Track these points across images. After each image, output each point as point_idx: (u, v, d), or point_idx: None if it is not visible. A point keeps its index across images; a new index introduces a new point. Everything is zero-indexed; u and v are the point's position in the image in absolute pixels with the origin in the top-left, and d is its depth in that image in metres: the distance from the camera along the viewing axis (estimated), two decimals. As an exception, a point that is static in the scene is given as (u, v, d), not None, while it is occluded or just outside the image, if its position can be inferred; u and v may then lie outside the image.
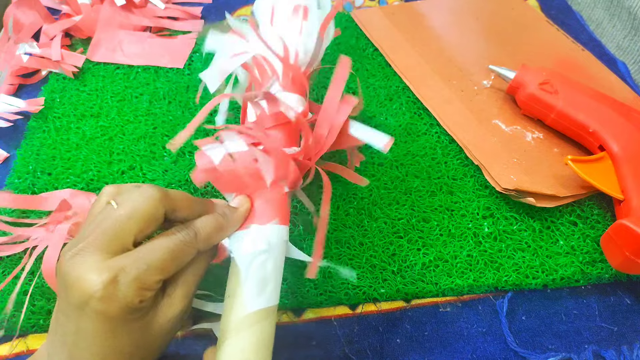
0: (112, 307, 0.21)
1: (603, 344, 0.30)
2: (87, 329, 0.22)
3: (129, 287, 0.22)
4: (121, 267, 0.22)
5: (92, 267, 0.21)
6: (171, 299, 0.25)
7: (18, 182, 0.38)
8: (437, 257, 0.33)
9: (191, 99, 0.44)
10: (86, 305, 0.21)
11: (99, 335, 0.22)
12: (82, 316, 0.22)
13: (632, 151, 0.33)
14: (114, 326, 0.22)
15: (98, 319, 0.22)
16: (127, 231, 0.23)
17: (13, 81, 0.47)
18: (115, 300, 0.21)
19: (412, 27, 0.49)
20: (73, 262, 0.22)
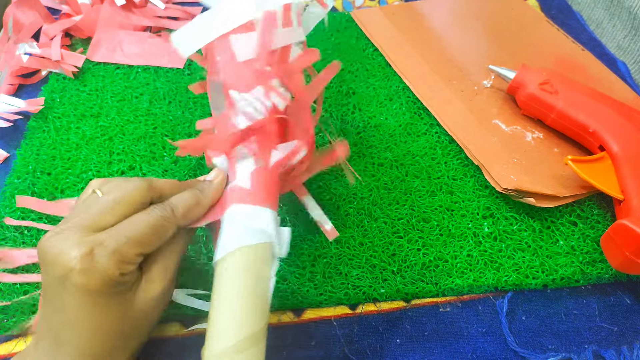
0: (92, 279, 0.22)
1: (603, 344, 0.30)
2: (70, 305, 0.22)
3: (108, 260, 0.22)
4: (99, 240, 0.22)
5: (72, 243, 0.22)
6: (151, 277, 0.25)
7: (18, 182, 0.38)
8: (437, 257, 0.33)
9: (191, 99, 0.44)
10: (67, 279, 0.21)
11: (81, 310, 0.22)
12: (64, 292, 0.22)
13: (632, 151, 0.33)
14: (95, 300, 0.22)
15: (79, 293, 0.22)
16: (112, 213, 0.23)
17: (13, 81, 0.47)
18: (94, 272, 0.22)
19: (412, 27, 0.49)
20: (54, 240, 0.22)
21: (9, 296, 0.32)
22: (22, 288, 0.32)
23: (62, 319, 0.23)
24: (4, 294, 0.32)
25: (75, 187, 0.38)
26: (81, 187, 0.38)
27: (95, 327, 0.23)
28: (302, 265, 0.33)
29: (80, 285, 0.22)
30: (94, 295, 0.22)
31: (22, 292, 0.32)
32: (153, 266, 0.25)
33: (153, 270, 0.25)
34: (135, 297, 0.24)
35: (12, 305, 0.32)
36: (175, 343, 0.31)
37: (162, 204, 0.25)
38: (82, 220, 0.23)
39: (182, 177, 0.38)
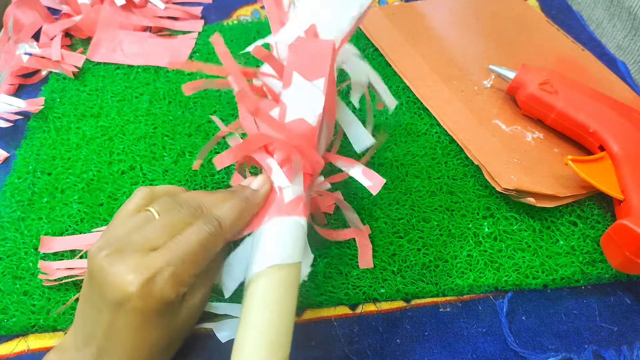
0: (149, 304, 0.22)
1: (603, 343, 0.30)
2: (122, 324, 0.22)
3: (166, 284, 0.22)
4: (158, 266, 0.22)
5: (130, 266, 0.22)
6: (193, 287, 0.25)
7: (18, 182, 0.38)
8: (437, 257, 0.33)
9: (191, 99, 0.44)
10: (125, 302, 0.22)
11: (133, 330, 0.23)
12: (119, 312, 0.22)
13: (632, 151, 0.33)
14: (149, 321, 0.23)
15: (135, 316, 0.22)
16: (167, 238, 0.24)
17: (13, 81, 0.47)
18: (153, 297, 0.22)
19: (412, 27, 0.49)
20: (110, 260, 0.22)
21: (8, 296, 0.32)
22: (21, 289, 0.32)
23: (108, 334, 0.23)
24: (4, 294, 0.32)
25: (75, 187, 0.38)
26: (81, 187, 0.38)
27: (143, 342, 0.23)
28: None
29: (138, 309, 0.22)
30: (149, 317, 0.23)
31: (21, 292, 0.32)
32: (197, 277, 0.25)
33: (197, 281, 0.25)
34: (180, 310, 0.25)
35: (12, 305, 0.32)
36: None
37: (208, 217, 0.25)
38: (139, 243, 0.23)
39: (182, 177, 0.38)
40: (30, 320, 0.31)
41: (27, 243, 0.35)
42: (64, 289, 0.32)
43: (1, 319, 0.31)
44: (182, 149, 0.40)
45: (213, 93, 0.45)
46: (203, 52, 0.49)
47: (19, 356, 0.31)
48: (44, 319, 0.31)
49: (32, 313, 0.31)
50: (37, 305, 0.32)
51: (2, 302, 0.32)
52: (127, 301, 0.22)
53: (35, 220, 0.36)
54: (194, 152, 0.40)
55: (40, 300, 0.32)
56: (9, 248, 0.35)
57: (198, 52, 0.49)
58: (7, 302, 0.32)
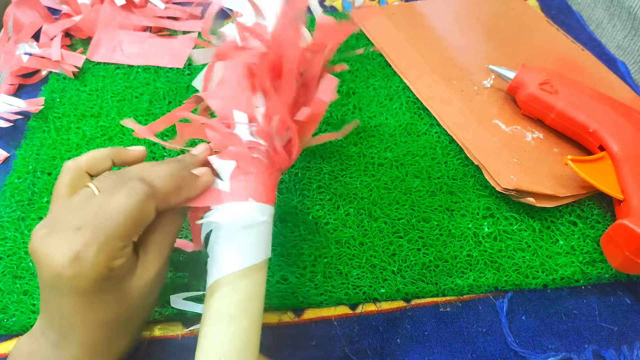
0: (82, 281, 0.21)
1: (603, 343, 0.30)
2: (64, 305, 0.22)
3: (95, 259, 0.21)
4: (82, 242, 0.21)
5: (58, 245, 0.21)
6: (144, 261, 0.25)
7: (18, 182, 0.38)
8: (437, 257, 0.33)
9: (191, 99, 0.44)
10: (57, 282, 0.22)
11: (77, 310, 0.22)
12: (58, 294, 0.22)
13: (632, 151, 0.33)
14: (89, 299, 0.22)
15: (72, 295, 0.22)
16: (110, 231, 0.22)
17: (13, 81, 0.47)
18: (84, 275, 0.21)
19: (412, 27, 0.49)
20: (42, 241, 0.22)
21: (8, 296, 0.32)
22: (21, 288, 0.32)
23: (60, 315, 0.23)
24: (4, 293, 0.32)
25: (75, 187, 0.38)
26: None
27: (93, 320, 0.23)
28: (303, 265, 0.33)
29: (72, 289, 0.22)
30: (88, 294, 0.22)
31: (21, 292, 0.32)
32: (144, 251, 0.25)
33: (145, 256, 0.25)
34: (131, 285, 0.24)
35: (12, 305, 0.32)
36: (176, 343, 0.31)
37: (133, 183, 0.23)
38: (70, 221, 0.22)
39: (182, 177, 0.38)
40: (30, 320, 0.31)
41: (27, 243, 0.35)
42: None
43: (1, 318, 0.31)
44: (182, 149, 0.40)
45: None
46: (203, 52, 0.49)
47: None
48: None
49: (32, 313, 0.31)
50: (37, 305, 0.32)
51: (2, 301, 0.32)
52: (59, 281, 0.21)
53: (36, 220, 0.36)
54: (194, 152, 0.40)
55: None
56: (9, 248, 0.35)
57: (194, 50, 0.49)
58: (7, 302, 0.32)
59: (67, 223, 0.22)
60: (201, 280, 0.32)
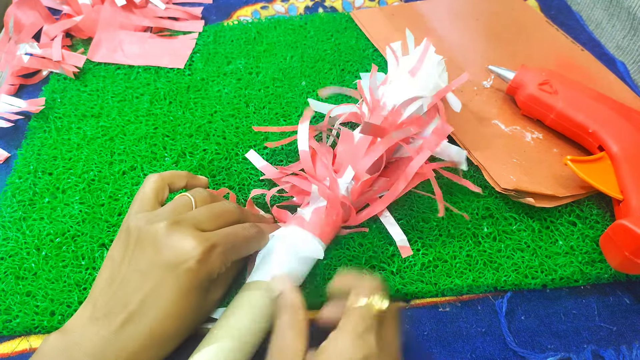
0: (202, 270, 0.25)
1: (602, 343, 0.30)
2: (169, 285, 0.25)
3: (217, 258, 0.26)
4: (217, 241, 0.26)
5: (193, 236, 0.25)
6: (218, 283, 0.29)
7: (19, 182, 0.39)
8: (436, 257, 0.33)
9: (191, 100, 0.44)
10: (182, 264, 0.25)
11: (177, 292, 0.25)
12: (170, 274, 0.25)
13: (631, 151, 0.34)
14: (192, 288, 0.25)
15: (187, 277, 0.25)
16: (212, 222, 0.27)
17: (14, 81, 0.47)
18: (206, 265, 0.25)
19: (412, 28, 0.49)
20: (172, 229, 0.25)
21: (11, 297, 0.32)
22: (24, 289, 0.33)
23: (151, 298, 0.25)
24: (7, 294, 0.32)
25: (76, 187, 0.38)
26: (82, 188, 0.38)
27: (180, 312, 0.25)
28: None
29: (192, 271, 0.25)
30: (195, 284, 0.25)
31: (24, 293, 0.32)
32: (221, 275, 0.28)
33: (221, 278, 0.28)
34: (208, 297, 0.28)
35: (15, 306, 0.32)
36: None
37: (254, 224, 0.29)
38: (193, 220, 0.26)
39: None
40: (33, 321, 0.31)
41: (29, 243, 0.35)
42: (67, 290, 0.32)
43: (4, 319, 0.31)
44: (182, 149, 0.40)
45: (213, 94, 0.45)
46: (203, 53, 0.49)
47: (21, 355, 0.31)
48: (48, 320, 0.31)
49: (35, 314, 0.31)
50: (40, 307, 0.32)
51: (5, 302, 0.32)
52: (185, 262, 0.24)
53: (37, 220, 0.36)
54: (194, 153, 0.40)
55: (44, 301, 0.32)
56: (11, 248, 0.35)
57: (198, 53, 0.49)
58: (10, 303, 0.32)
59: (190, 220, 0.26)
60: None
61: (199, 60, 0.48)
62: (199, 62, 0.48)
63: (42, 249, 0.34)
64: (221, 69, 0.47)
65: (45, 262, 0.34)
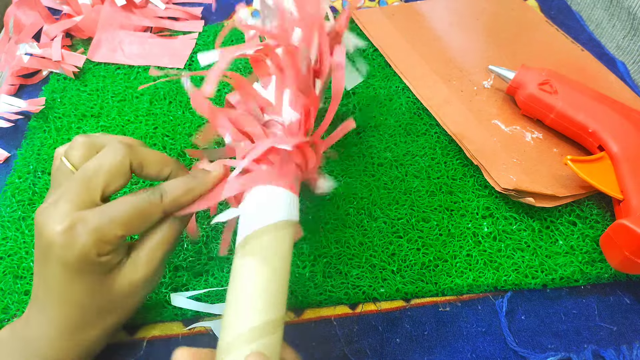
0: (69, 254, 0.23)
1: (602, 343, 0.30)
2: (51, 275, 0.24)
3: (88, 237, 0.22)
4: (82, 217, 0.23)
5: (58, 216, 0.23)
6: (135, 262, 0.25)
7: (19, 181, 0.39)
8: (436, 256, 0.33)
9: (191, 99, 0.44)
10: (49, 250, 0.23)
11: (59, 282, 0.24)
12: (47, 263, 0.23)
13: (631, 151, 0.34)
14: (73, 275, 0.23)
15: (59, 265, 0.23)
16: (93, 184, 0.24)
17: (14, 81, 0.47)
18: (73, 248, 0.22)
19: (412, 28, 0.49)
20: (44, 213, 0.23)
21: (9, 296, 0.32)
22: (22, 288, 0.33)
23: (45, 289, 0.24)
24: (5, 293, 0.32)
25: (75, 187, 0.38)
26: (82, 187, 0.38)
27: (72, 300, 0.24)
28: (302, 265, 0.33)
29: (59, 258, 0.23)
30: (73, 270, 0.23)
31: (22, 292, 0.32)
32: (137, 252, 0.25)
33: (137, 257, 0.25)
34: (116, 279, 0.25)
35: (13, 305, 0.32)
36: (176, 342, 0.31)
37: (152, 189, 0.25)
38: (68, 193, 0.23)
39: (182, 177, 0.38)
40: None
41: (28, 243, 0.35)
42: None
43: (2, 318, 0.31)
44: (182, 149, 0.40)
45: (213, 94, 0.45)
46: (203, 53, 0.49)
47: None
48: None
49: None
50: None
51: (3, 301, 0.32)
52: (51, 249, 0.23)
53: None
54: (194, 152, 0.40)
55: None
56: (10, 247, 0.35)
57: (198, 53, 0.49)
58: (8, 302, 0.32)
59: (68, 194, 0.23)
60: (200, 280, 0.32)
61: (199, 60, 0.48)
62: (199, 62, 0.48)
63: (42, 249, 0.34)
64: (221, 69, 0.47)
65: (45, 262, 0.34)
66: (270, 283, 0.23)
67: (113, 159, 0.24)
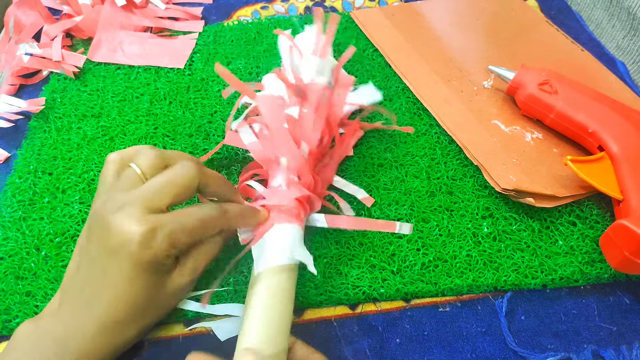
0: (144, 254, 0.24)
1: (602, 343, 0.30)
2: (114, 270, 0.25)
3: (162, 241, 0.24)
4: (160, 222, 0.25)
5: (135, 218, 0.24)
6: (182, 269, 0.28)
7: (19, 182, 0.39)
8: (436, 257, 0.33)
9: (192, 100, 0.44)
10: (122, 248, 0.24)
11: (122, 278, 0.25)
12: (114, 259, 0.25)
13: (631, 151, 0.34)
14: (138, 273, 0.25)
15: (128, 262, 0.24)
16: (165, 194, 0.26)
17: (14, 81, 0.47)
18: (149, 249, 0.24)
19: (412, 28, 0.49)
20: (117, 213, 0.24)
21: (10, 297, 0.32)
22: (24, 289, 0.33)
23: (99, 284, 0.25)
24: (6, 294, 0.32)
25: (76, 187, 0.38)
26: (82, 187, 0.38)
27: (128, 297, 0.25)
28: (302, 266, 0.33)
29: (132, 256, 0.24)
30: (141, 269, 0.25)
31: (24, 292, 0.32)
32: (187, 261, 0.28)
33: (186, 265, 0.28)
34: (166, 284, 0.27)
35: (14, 306, 0.32)
36: (177, 343, 0.31)
37: (216, 205, 0.28)
38: (140, 198, 0.25)
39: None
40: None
41: (29, 243, 0.35)
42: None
43: (4, 319, 0.31)
44: (182, 149, 0.40)
45: (213, 94, 0.45)
46: (204, 53, 0.49)
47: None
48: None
49: (35, 314, 0.31)
50: (40, 307, 0.32)
51: (5, 302, 0.32)
52: (126, 246, 0.24)
53: (37, 220, 0.36)
54: (194, 153, 0.40)
55: (44, 301, 0.32)
56: (11, 248, 0.35)
57: (199, 53, 0.49)
58: (10, 303, 0.32)
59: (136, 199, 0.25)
60: (202, 281, 0.32)
61: (199, 60, 0.48)
62: (199, 62, 0.48)
63: (42, 249, 0.34)
64: (221, 69, 0.47)
65: (45, 262, 0.34)
66: (282, 317, 0.26)
67: (187, 175, 0.26)
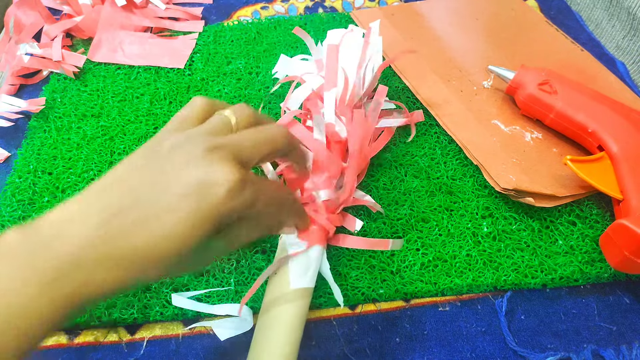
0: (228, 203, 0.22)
1: (602, 343, 0.30)
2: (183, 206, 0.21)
3: (248, 197, 0.22)
4: (250, 178, 0.23)
5: (231, 164, 0.22)
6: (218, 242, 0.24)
7: (19, 181, 0.39)
8: (436, 257, 0.33)
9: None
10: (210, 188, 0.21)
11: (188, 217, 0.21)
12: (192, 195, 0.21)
13: (631, 151, 0.34)
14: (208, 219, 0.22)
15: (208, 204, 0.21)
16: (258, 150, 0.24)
17: (14, 81, 0.47)
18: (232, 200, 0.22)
19: (411, 28, 0.49)
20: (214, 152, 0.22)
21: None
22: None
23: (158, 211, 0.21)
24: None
25: (76, 187, 0.38)
26: (82, 187, 0.38)
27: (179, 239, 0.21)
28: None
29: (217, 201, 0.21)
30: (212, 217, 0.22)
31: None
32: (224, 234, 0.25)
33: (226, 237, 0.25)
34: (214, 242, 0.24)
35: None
36: (176, 342, 0.31)
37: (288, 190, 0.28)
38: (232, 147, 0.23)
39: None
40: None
41: (28, 242, 0.35)
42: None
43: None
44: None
45: (213, 94, 0.45)
46: (204, 53, 0.49)
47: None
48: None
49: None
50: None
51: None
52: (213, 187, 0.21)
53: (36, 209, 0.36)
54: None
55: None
56: (10, 247, 0.35)
57: (199, 53, 0.49)
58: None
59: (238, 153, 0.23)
60: (201, 281, 0.32)
61: (199, 60, 0.48)
62: (199, 62, 0.48)
63: (42, 249, 0.34)
64: (221, 69, 0.47)
65: (45, 262, 0.34)
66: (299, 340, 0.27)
67: (281, 136, 0.25)
